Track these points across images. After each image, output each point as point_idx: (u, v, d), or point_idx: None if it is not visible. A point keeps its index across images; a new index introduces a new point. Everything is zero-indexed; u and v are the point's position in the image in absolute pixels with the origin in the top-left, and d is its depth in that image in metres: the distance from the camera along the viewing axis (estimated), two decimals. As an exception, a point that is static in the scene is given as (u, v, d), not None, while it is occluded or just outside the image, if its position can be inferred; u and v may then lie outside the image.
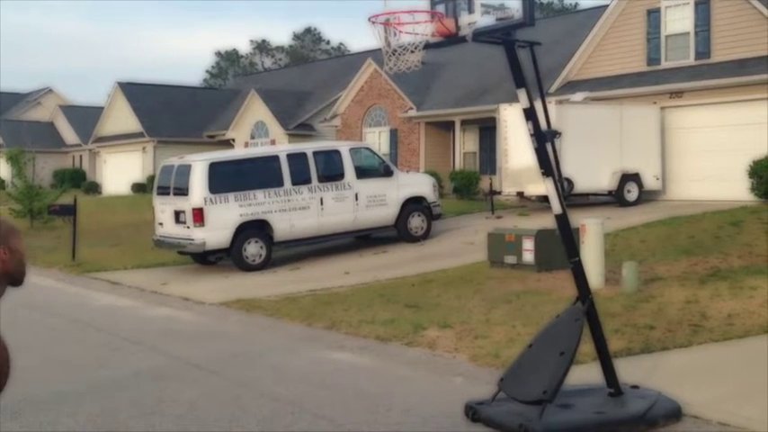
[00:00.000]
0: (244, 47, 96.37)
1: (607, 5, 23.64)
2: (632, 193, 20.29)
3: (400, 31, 5.68)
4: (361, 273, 13.86)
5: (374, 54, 28.67)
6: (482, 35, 5.61)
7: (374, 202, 16.56)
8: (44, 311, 11.62)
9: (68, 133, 51.78)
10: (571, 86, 23.39)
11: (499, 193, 21.84)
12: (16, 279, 2.80)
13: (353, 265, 15.01)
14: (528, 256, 12.42)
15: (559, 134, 6.11)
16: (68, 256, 17.55)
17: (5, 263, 2.69)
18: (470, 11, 5.53)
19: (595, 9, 27.62)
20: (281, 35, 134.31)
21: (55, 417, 6.26)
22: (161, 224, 15.86)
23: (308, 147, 17.15)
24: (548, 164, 5.83)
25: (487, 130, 26.83)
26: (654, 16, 22.09)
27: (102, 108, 46.68)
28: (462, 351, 8.03)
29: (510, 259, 12.66)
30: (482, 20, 5.54)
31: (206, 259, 16.16)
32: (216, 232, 14.90)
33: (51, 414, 6.33)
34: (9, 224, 2.85)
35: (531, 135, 5.82)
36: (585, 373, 6.43)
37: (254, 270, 15.07)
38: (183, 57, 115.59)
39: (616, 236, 14.77)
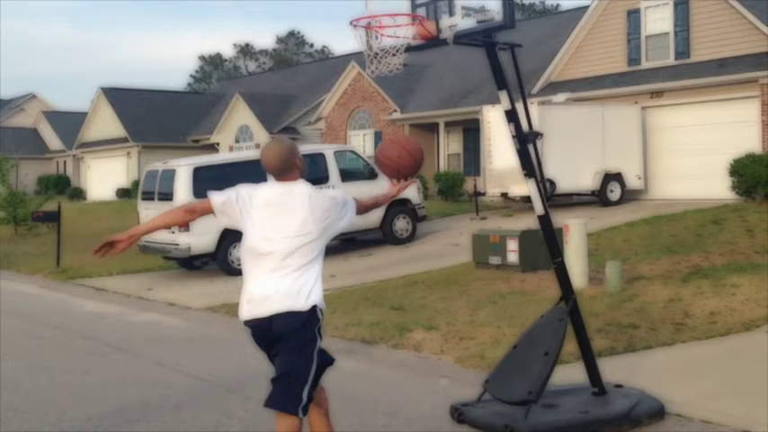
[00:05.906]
0: (227, 51, 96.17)
1: (587, 6, 23.78)
2: (615, 192, 20.42)
3: (382, 35, 5.68)
4: (346, 276, 13.86)
5: (357, 57, 28.70)
6: (463, 38, 5.62)
7: (359, 204, 16.54)
8: (28, 318, 11.56)
9: (52, 139, 51.48)
10: (553, 87, 23.51)
11: (483, 194, 21.91)
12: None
13: (339, 268, 15.01)
14: (512, 257, 12.45)
15: (541, 135, 6.16)
16: (53, 263, 17.46)
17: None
18: (451, 13, 5.53)
19: (576, 10, 27.78)
20: (264, 39, 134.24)
21: (39, 425, 6.23)
22: (146, 229, 15.79)
23: (292, 150, 17.11)
24: (530, 165, 5.86)
25: (471, 132, 26.91)
26: (634, 17, 22.25)
27: (85, 114, 46.43)
28: (448, 353, 8.05)
29: (495, 260, 12.70)
30: (463, 22, 5.55)
31: (191, 264, 16.11)
32: (201, 237, 14.85)
33: (35, 422, 6.30)
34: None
35: (514, 137, 5.84)
36: (570, 373, 6.46)
37: (239, 274, 14.95)
38: (167, 61, 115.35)
39: (599, 235, 14.85)
